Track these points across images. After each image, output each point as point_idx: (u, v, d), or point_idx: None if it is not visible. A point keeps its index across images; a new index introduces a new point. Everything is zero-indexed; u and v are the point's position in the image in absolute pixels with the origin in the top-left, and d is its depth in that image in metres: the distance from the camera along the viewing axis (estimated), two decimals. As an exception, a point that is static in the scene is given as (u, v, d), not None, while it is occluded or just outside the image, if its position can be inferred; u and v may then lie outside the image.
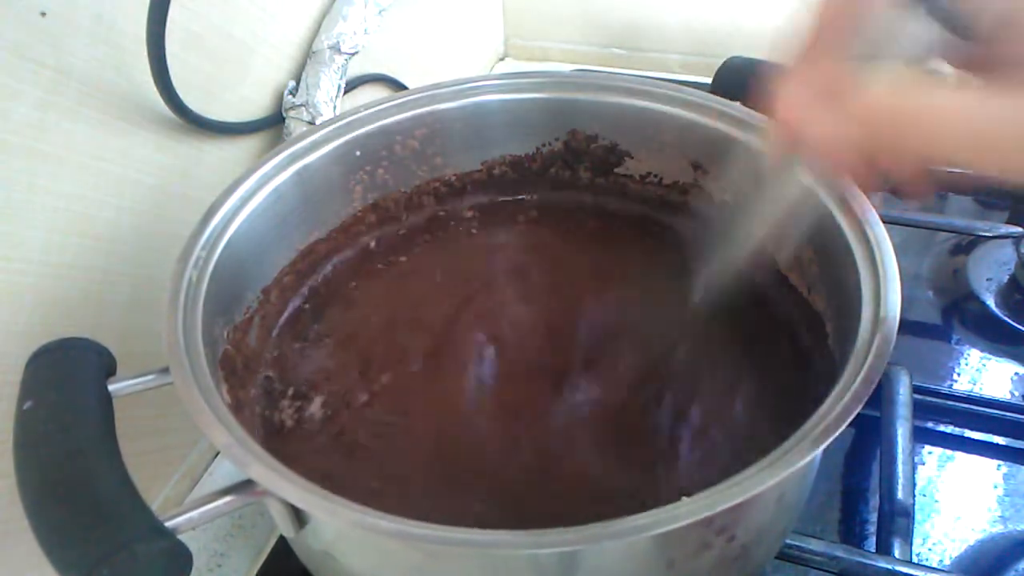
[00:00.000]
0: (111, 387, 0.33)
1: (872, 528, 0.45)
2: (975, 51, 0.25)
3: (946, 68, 0.26)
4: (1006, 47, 0.24)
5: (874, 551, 0.42)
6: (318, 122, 0.54)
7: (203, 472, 0.53)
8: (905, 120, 0.24)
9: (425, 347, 0.45)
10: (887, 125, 0.24)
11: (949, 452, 0.50)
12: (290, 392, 0.43)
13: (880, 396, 0.49)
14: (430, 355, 0.45)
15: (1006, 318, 0.57)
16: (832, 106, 0.25)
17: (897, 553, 0.41)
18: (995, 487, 0.48)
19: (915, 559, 0.43)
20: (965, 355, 0.55)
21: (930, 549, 0.44)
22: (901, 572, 0.40)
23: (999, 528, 0.45)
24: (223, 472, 0.53)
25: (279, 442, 0.41)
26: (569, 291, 0.48)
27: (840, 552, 0.41)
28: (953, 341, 0.57)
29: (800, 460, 0.28)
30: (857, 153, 0.25)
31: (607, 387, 0.42)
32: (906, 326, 0.56)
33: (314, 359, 0.45)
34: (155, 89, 0.43)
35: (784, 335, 0.43)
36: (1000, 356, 0.55)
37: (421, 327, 0.46)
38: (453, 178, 0.53)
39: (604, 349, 0.44)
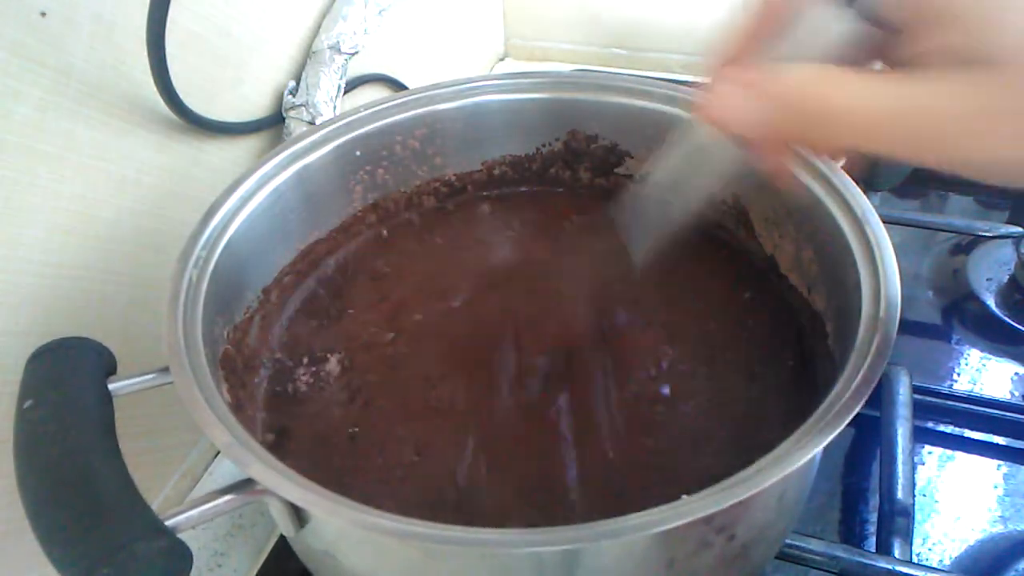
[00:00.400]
0: (111, 387, 0.33)
1: (872, 528, 0.45)
2: (893, 44, 0.26)
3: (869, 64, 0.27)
4: (919, 38, 0.25)
5: (874, 551, 0.42)
6: (318, 122, 0.54)
7: (203, 472, 0.53)
8: (815, 103, 0.25)
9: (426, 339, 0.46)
10: (797, 107, 0.26)
11: (949, 452, 0.50)
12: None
13: (880, 396, 0.49)
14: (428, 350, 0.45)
15: (1006, 318, 0.57)
16: (751, 92, 0.27)
17: (897, 553, 0.41)
18: (995, 487, 0.48)
19: (915, 559, 0.43)
20: (965, 355, 0.55)
21: (930, 549, 0.44)
22: (901, 572, 0.40)
23: (999, 528, 0.45)
24: (223, 472, 0.53)
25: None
26: (565, 285, 0.48)
27: (840, 552, 0.41)
28: (953, 341, 0.57)
29: (800, 460, 0.28)
30: (771, 133, 0.27)
31: (601, 383, 0.42)
32: (906, 326, 0.57)
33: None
34: (155, 89, 0.43)
35: (783, 335, 0.43)
36: (1000, 356, 0.55)
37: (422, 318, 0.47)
38: (453, 178, 0.53)
39: (598, 345, 0.44)
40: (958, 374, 0.54)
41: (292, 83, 0.56)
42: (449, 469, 0.39)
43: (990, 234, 0.63)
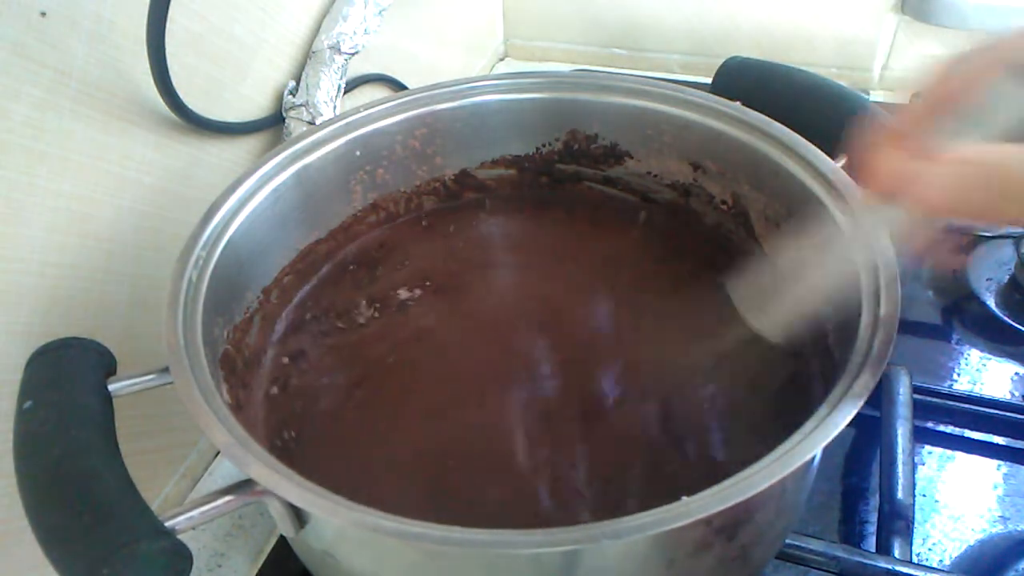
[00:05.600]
0: (111, 387, 0.33)
1: (872, 528, 0.45)
2: None
3: None
4: None
5: (874, 551, 0.42)
6: (318, 122, 0.54)
7: (203, 472, 0.53)
8: (1004, 173, 0.25)
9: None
10: (998, 178, 0.25)
11: (949, 452, 0.50)
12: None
13: (880, 396, 0.49)
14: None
15: (1006, 318, 0.57)
16: (929, 159, 0.26)
17: (897, 553, 0.41)
18: (995, 487, 0.48)
19: (915, 559, 0.43)
20: (965, 355, 0.55)
21: (930, 549, 0.44)
22: (901, 572, 0.40)
23: (999, 528, 0.45)
24: (223, 472, 0.53)
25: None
26: (570, 290, 0.48)
27: (840, 552, 0.41)
28: (953, 341, 0.57)
29: (800, 460, 0.28)
30: (967, 209, 0.26)
31: (602, 385, 0.42)
32: (906, 326, 0.57)
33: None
34: (155, 89, 0.43)
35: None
36: (1000, 356, 0.55)
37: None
38: (453, 178, 0.53)
39: (600, 348, 0.44)
40: (958, 374, 0.54)
41: (292, 83, 0.56)
42: (451, 469, 0.39)
43: (990, 234, 0.63)
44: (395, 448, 0.40)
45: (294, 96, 0.55)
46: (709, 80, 0.55)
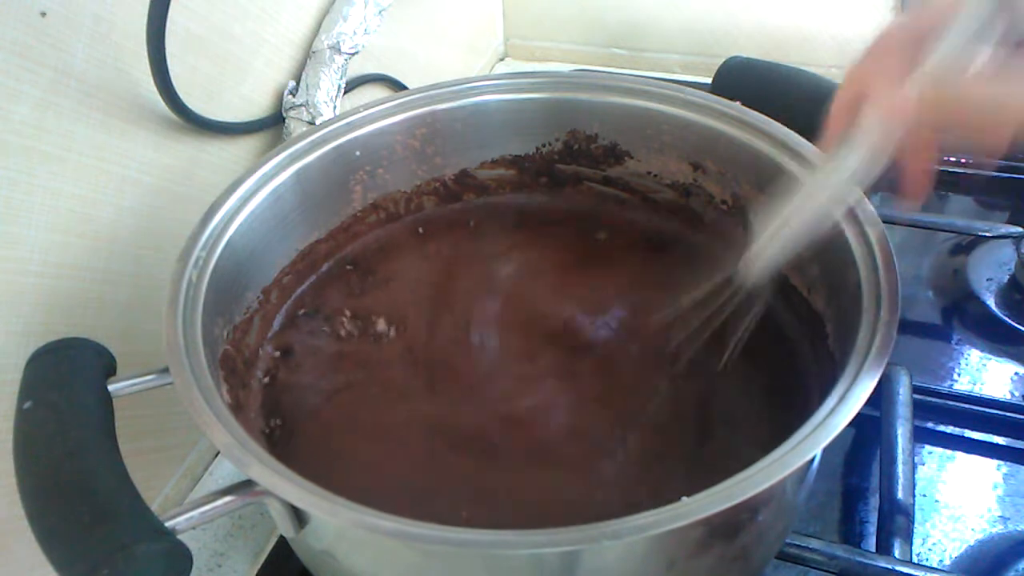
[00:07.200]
0: (111, 387, 0.33)
1: (872, 528, 0.45)
2: None
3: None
4: None
5: (874, 551, 0.42)
6: (318, 122, 0.54)
7: (203, 472, 0.53)
8: (960, 97, 0.29)
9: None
10: (943, 99, 0.29)
11: (949, 452, 0.49)
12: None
13: (880, 396, 0.49)
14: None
15: (1006, 318, 0.57)
16: (898, 81, 0.30)
17: (897, 553, 0.41)
18: (995, 487, 0.48)
19: (915, 559, 0.43)
20: (965, 355, 0.55)
21: (930, 549, 0.44)
22: (901, 572, 0.40)
23: (999, 528, 0.45)
24: (223, 472, 0.53)
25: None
26: (570, 288, 0.48)
27: (840, 552, 0.41)
28: (953, 341, 0.56)
29: (800, 460, 0.28)
30: (913, 120, 0.30)
31: (604, 385, 0.42)
32: (906, 326, 0.57)
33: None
34: (155, 89, 0.43)
35: (784, 335, 0.43)
36: (1000, 356, 0.55)
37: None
38: (453, 178, 0.53)
39: (602, 347, 0.44)
40: (958, 374, 0.54)
41: (292, 83, 0.56)
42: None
43: (990, 234, 0.63)
44: (377, 444, 0.40)
45: (294, 96, 0.55)
46: (709, 80, 0.55)
